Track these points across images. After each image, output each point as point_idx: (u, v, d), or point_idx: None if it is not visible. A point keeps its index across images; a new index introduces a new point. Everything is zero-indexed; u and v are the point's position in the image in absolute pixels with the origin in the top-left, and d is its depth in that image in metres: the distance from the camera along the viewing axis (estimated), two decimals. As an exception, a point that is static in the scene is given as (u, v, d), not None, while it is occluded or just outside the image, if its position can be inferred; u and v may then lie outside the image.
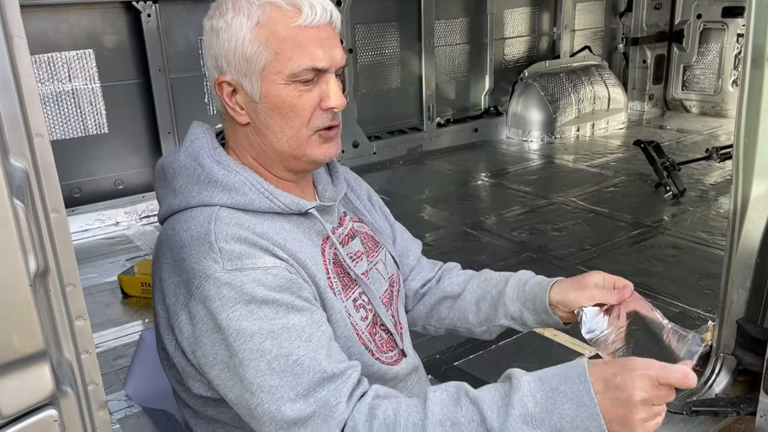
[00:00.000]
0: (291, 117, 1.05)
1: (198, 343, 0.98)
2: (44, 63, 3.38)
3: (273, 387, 0.92)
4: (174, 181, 1.09)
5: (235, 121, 1.08)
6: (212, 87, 1.10)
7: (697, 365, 2.37)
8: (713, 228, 3.24)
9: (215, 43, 1.07)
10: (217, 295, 0.96)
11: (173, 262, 1.03)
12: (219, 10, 1.08)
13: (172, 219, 1.09)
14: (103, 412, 1.10)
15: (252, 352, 0.93)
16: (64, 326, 1.02)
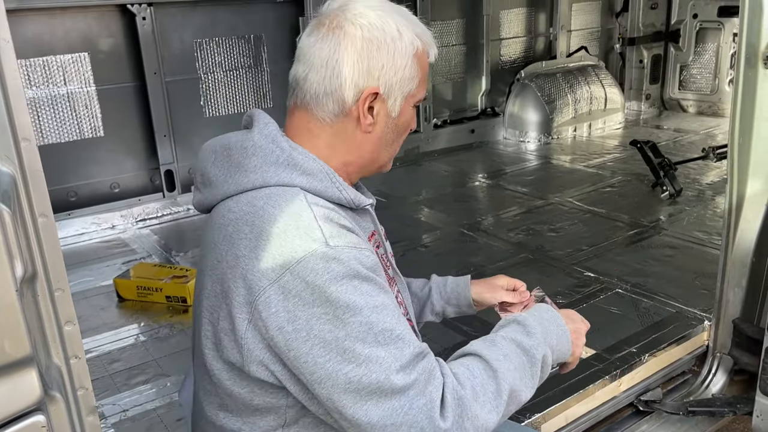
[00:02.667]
0: (403, 135, 1.21)
1: (291, 318, 0.98)
2: (39, 66, 3.37)
3: (380, 358, 0.98)
4: (246, 160, 1.11)
5: (355, 125, 1.14)
6: (340, 87, 1.11)
7: (694, 365, 2.37)
8: (710, 227, 3.24)
9: (374, 55, 1.11)
10: (325, 269, 0.98)
11: (258, 237, 1.03)
12: (377, 27, 1.11)
13: (247, 195, 1.09)
14: (93, 417, 1.10)
15: (361, 325, 0.98)
16: (52, 331, 1.01)
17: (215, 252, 1.09)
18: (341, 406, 0.99)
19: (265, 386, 1.06)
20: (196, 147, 3.91)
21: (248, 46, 4.00)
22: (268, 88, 4.12)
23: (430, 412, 1.00)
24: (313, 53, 1.12)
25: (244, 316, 1.02)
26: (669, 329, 2.33)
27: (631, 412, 2.17)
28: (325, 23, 1.12)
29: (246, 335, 1.02)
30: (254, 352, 1.03)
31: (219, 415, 1.13)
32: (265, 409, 1.08)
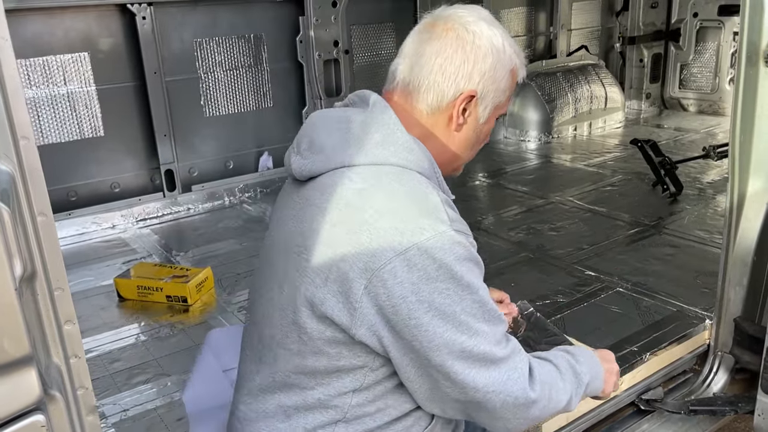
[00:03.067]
0: (481, 143, 1.31)
1: (414, 290, 1.05)
2: (39, 66, 3.37)
3: (486, 332, 1.10)
4: (369, 136, 1.16)
5: (447, 122, 1.23)
6: (443, 83, 1.20)
7: (695, 364, 2.37)
8: (711, 226, 3.23)
9: (479, 61, 1.21)
10: (451, 249, 1.07)
11: (386, 210, 1.09)
12: (486, 37, 1.21)
13: (368, 169, 1.14)
14: (93, 416, 1.10)
15: (474, 302, 1.09)
16: (52, 330, 1.01)
17: (327, 215, 1.12)
18: (452, 371, 1.09)
19: (356, 349, 1.11)
20: (196, 146, 3.91)
21: (248, 46, 4.00)
22: (268, 88, 4.12)
23: (522, 383, 1.15)
24: (423, 48, 1.21)
25: (361, 282, 1.06)
26: (670, 328, 2.32)
27: (633, 411, 2.17)
28: (439, 24, 1.22)
29: (361, 300, 1.07)
30: (367, 317, 1.08)
31: (291, 377, 1.17)
32: (346, 370, 1.13)
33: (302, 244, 1.14)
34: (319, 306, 1.10)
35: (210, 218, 3.77)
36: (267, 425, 1.20)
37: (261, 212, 3.84)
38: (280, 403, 1.19)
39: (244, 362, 1.30)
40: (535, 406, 1.17)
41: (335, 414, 1.15)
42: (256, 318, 1.26)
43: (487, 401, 1.12)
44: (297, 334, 1.14)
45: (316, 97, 4.21)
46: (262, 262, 1.29)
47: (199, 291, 2.73)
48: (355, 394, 1.15)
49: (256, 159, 4.16)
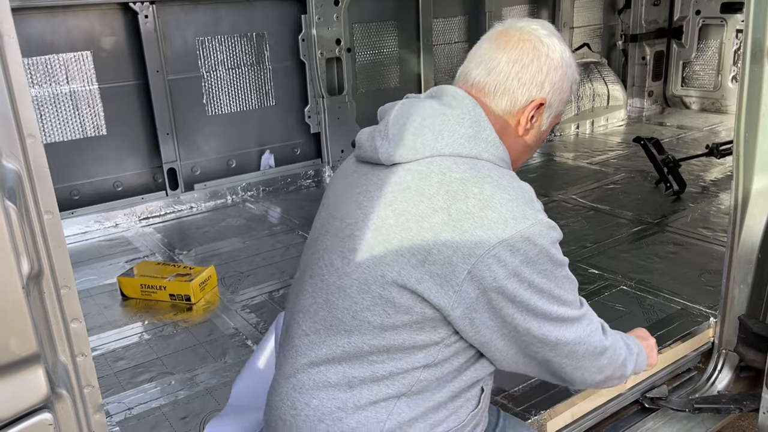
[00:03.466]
0: (536, 148, 1.43)
1: (517, 272, 1.16)
2: (42, 65, 3.37)
3: (572, 301, 1.26)
4: (462, 129, 1.24)
5: (515, 126, 1.33)
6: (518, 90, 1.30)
7: (699, 362, 2.36)
8: (714, 224, 3.23)
9: (551, 73, 1.31)
10: (548, 235, 1.18)
11: (489, 199, 1.18)
12: (558, 51, 1.33)
13: (464, 161, 1.22)
14: (100, 414, 1.10)
15: (564, 278, 1.23)
16: (59, 328, 1.01)
17: (428, 201, 1.19)
18: (548, 335, 1.22)
19: (440, 326, 1.19)
20: (198, 145, 3.91)
21: (251, 44, 3.99)
22: (270, 86, 4.12)
23: (599, 333, 1.31)
24: (499, 55, 1.30)
25: (465, 267, 1.15)
26: (674, 326, 2.32)
27: (637, 409, 2.17)
28: (514, 34, 1.31)
29: (463, 283, 1.15)
30: (466, 299, 1.16)
31: (364, 349, 1.22)
32: (421, 346, 1.20)
33: (396, 224, 1.20)
34: (415, 285, 1.17)
35: (212, 217, 3.77)
36: (328, 394, 1.24)
37: (263, 211, 3.84)
38: (346, 373, 1.23)
39: (307, 333, 1.30)
40: (606, 353, 1.32)
41: (401, 388, 1.22)
42: (327, 289, 1.28)
43: (574, 352, 1.27)
44: (383, 308, 1.19)
45: (318, 96, 4.21)
46: (331, 235, 1.31)
47: (203, 289, 2.73)
48: (424, 369, 1.22)
49: (259, 158, 4.16)
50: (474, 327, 1.19)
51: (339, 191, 1.36)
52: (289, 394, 1.29)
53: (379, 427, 1.21)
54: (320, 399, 1.24)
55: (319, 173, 4.32)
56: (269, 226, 3.59)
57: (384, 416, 1.21)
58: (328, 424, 1.23)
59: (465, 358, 1.25)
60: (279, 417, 1.31)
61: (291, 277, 2.91)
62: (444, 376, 1.24)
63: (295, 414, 1.27)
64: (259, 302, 2.69)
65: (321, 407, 1.24)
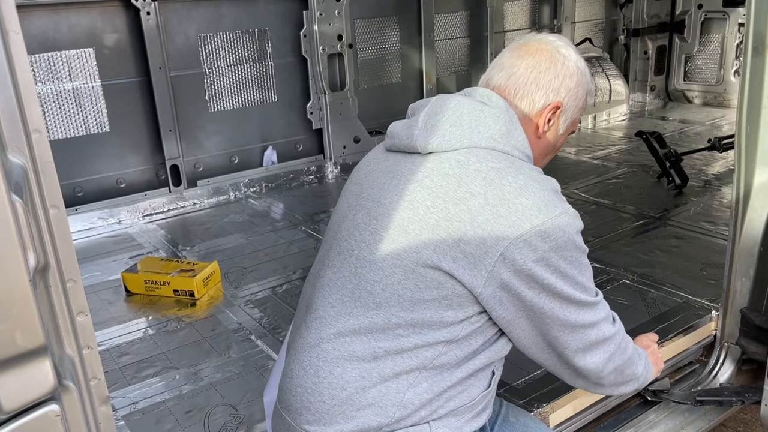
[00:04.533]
0: (553, 153, 1.51)
1: (545, 257, 1.23)
2: (45, 62, 3.38)
3: (590, 288, 1.34)
4: (497, 125, 1.32)
5: (533, 129, 1.42)
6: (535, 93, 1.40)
7: (702, 355, 2.37)
8: (716, 218, 3.23)
9: (567, 79, 1.41)
10: (574, 224, 1.27)
11: (524, 188, 1.25)
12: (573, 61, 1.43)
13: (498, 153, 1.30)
14: (106, 407, 1.11)
15: (585, 265, 1.32)
16: (65, 321, 1.02)
17: (466, 186, 1.26)
18: (567, 314, 1.29)
19: (467, 303, 1.26)
20: (201, 141, 3.92)
21: (252, 41, 4.00)
22: (272, 82, 4.12)
23: (610, 320, 1.39)
24: (519, 62, 1.41)
25: (498, 249, 1.21)
26: (676, 319, 2.32)
27: (639, 402, 2.17)
28: (533, 45, 1.43)
29: (496, 264, 1.22)
30: (497, 280, 1.23)
31: (392, 321, 1.27)
32: (447, 323, 1.27)
33: (433, 206, 1.27)
34: (450, 262, 1.23)
35: (215, 213, 3.78)
36: (352, 365, 1.28)
37: (266, 207, 3.85)
38: (371, 345, 1.28)
39: (333, 304, 1.34)
40: (614, 339, 1.39)
41: (423, 360, 1.27)
42: (357, 263, 1.33)
43: (587, 337, 1.34)
44: (414, 282, 1.25)
45: (320, 92, 4.22)
46: (362, 213, 1.36)
47: (206, 285, 2.75)
48: (446, 345, 1.28)
49: (261, 154, 4.17)
50: (503, 305, 1.26)
51: (369, 176, 1.42)
52: (313, 362, 1.32)
53: (399, 397, 1.27)
54: (344, 368, 1.28)
55: (322, 169, 4.32)
56: (272, 222, 3.60)
57: (404, 387, 1.27)
58: (350, 392, 1.28)
59: (484, 338, 1.32)
60: (299, 385, 1.34)
61: (294, 272, 2.92)
62: (462, 354, 1.30)
63: (317, 381, 1.31)
64: (262, 297, 2.70)
65: (345, 375, 1.28)
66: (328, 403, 1.29)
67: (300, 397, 1.33)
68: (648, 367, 1.55)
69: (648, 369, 1.55)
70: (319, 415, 1.30)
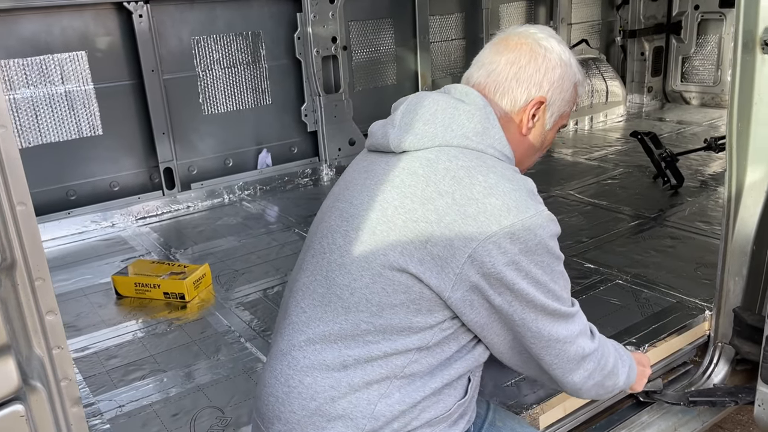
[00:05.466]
0: (543, 150, 1.45)
1: (514, 260, 1.18)
2: (36, 65, 3.37)
3: (565, 298, 1.29)
4: (471, 124, 1.28)
5: (517, 126, 1.37)
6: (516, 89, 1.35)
7: (695, 356, 2.34)
8: (712, 218, 3.21)
9: (549, 72, 1.36)
10: (548, 227, 1.22)
11: (493, 187, 1.21)
12: (556, 52, 1.37)
13: (470, 152, 1.26)
14: (78, 408, 1.09)
15: (560, 273, 1.28)
16: (33, 321, 1.00)
17: (434, 185, 1.22)
18: (540, 328, 1.25)
19: (436, 308, 1.21)
20: (195, 144, 3.91)
21: (246, 43, 3.99)
22: (266, 85, 4.11)
23: (587, 335, 1.34)
24: (498, 58, 1.36)
25: (466, 250, 1.17)
26: (669, 319, 2.30)
27: (632, 403, 2.14)
28: (513, 39, 1.38)
29: (464, 266, 1.18)
30: (466, 283, 1.19)
31: (360, 327, 1.24)
32: (417, 329, 1.22)
33: (401, 206, 1.23)
34: (417, 265, 1.19)
35: (209, 216, 3.76)
36: (322, 374, 1.25)
37: (260, 209, 3.84)
38: (341, 353, 1.24)
39: (304, 309, 1.32)
40: (593, 356, 1.34)
41: (393, 369, 1.24)
42: (327, 266, 1.30)
43: (564, 351, 1.29)
44: (381, 286, 1.22)
45: (314, 94, 4.20)
46: (336, 216, 1.34)
47: (197, 287, 2.73)
48: (417, 352, 1.24)
49: (255, 156, 4.16)
50: (474, 310, 1.22)
51: (348, 178, 1.40)
52: (284, 371, 1.30)
53: (370, 408, 1.23)
54: (314, 378, 1.25)
55: (317, 171, 4.31)
56: (266, 225, 3.59)
57: (375, 398, 1.23)
58: (320, 402, 1.24)
59: (457, 346, 1.28)
60: (271, 394, 1.32)
61: (286, 274, 2.90)
62: (435, 362, 1.26)
63: (288, 391, 1.28)
64: (253, 299, 2.69)
65: (314, 385, 1.25)
66: (298, 414, 1.26)
67: (272, 407, 1.31)
68: (631, 376, 1.50)
69: (630, 377, 1.50)
70: (290, 426, 1.27)
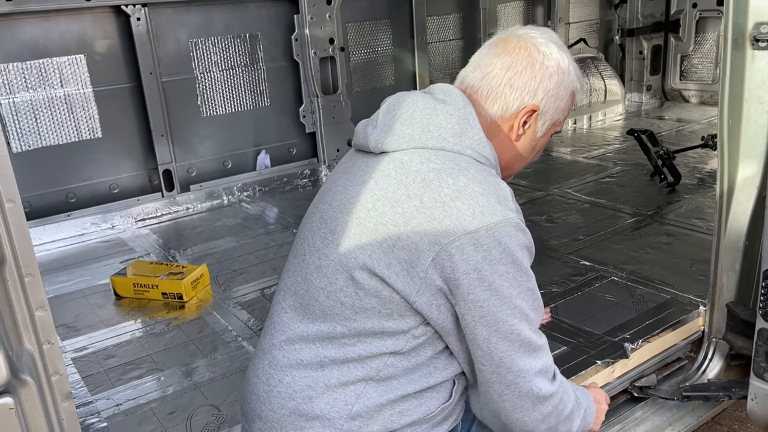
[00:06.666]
0: (533, 155, 1.41)
1: (477, 268, 1.14)
2: (36, 69, 3.39)
3: (531, 319, 1.20)
4: (450, 125, 1.25)
5: (507, 131, 1.33)
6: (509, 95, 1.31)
7: (690, 351, 2.35)
8: (708, 215, 3.21)
9: (545, 80, 1.31)
10: (516, 236, 1.16)
11: (461, 191, 1.17)
12: (555, 59, 1.32)
13: (445, 154, 1.22)
14: (69, 403, 1.11)
15: (528, 290, 1.19)
16: (23, 316, 1.02)
17: (403, 188, 1.20)
18: (495, 349, 1.18)
19: (407, 314, 1.19)
20: (194, 146, 3.93)
21: (244, 45, 4.01)
22: (265, 87, 4.13)
23: (548, 375, 1.25)
24: (494, 61, 1.32)
25: (429, 254, 1.14)
26: (663, 315, 2.31)
27: (626, 398, 2.16)
28: (512, 41, 1.33)
29: (428, 270, 1.15)
30: (431, 287, 1.16)
31: (336, 330, 1.23)
32: (390, 333, 1.20)
33: (373, 209, 1.22)
34: (384, 269, 1.17)
35: (208, 217, 3.78)
36: (300, 373, 1.26)
37: (259, 210, 3.85)
38: (318, 353, 1.25)
39: (286, 310, 1.33)
40: (551, 400, 1.26)
41: (369, 371, 1.22)
42: (307, 268, 1.30)
43: (516, 385, 1.21)
44: (354, 290, 1.21)
45: (312, 95, 4.22)
46: (317, 217, 1.34)
47: (195, 288, 2.75)
48: (391, 356, 1.22)
49: (254, 158, 4.18)
50: (441, 313, 1.20)
51: (332, 178, 1.40)
52: (265, 369, 1.32)
53: (347, 409, 1.23)
54: (293, 377, 1.26)
55: (316, 172, 4.33)
56: (264, 225, 3.60)
57: (352, 399, 1.23)
58: (298, 402, 1.25)
59: (433, 352, 1.25)
60: (253, 392, 1.33)
61: (283, 274, 2.92)
62: (413, 366, 1.24)
63: (268, 390, 1.30)
64: (251, 299, 2.70)
65: (293, 384, 1.26)
66: (277, 413, 1.27)
67: (253, 405, 1.33)
68: (587, 419, 1.39)
69: (587, 420, 1.39)
70: (270, 424, 1.28)
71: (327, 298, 1.24)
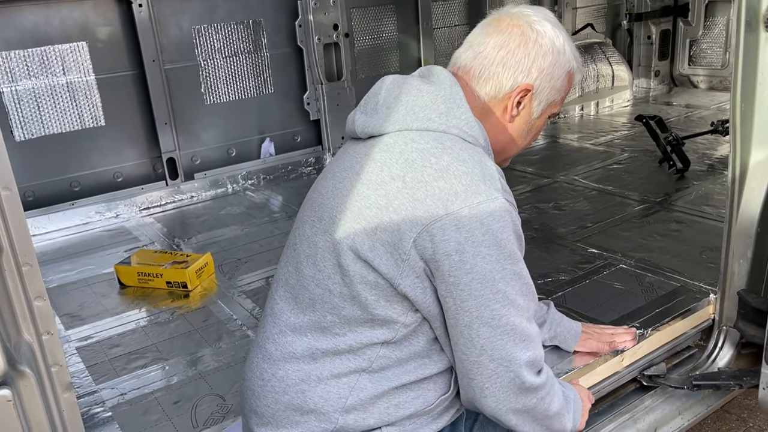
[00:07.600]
0: (530, 138, 1.37)
1: (459, 250, 1.10)
2: (38, 57, 3.37)
3: (520, 306, 1.15)
4: (436, 105, 1.22)
5: (501, 112, 1.30)
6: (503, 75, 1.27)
7: (700, 339, 2.32)
8: (718, 201, 3.17)
9: (539, 58, 1.28)
10: (501, 218, 1.12)
11: (444, 170, 1.14)
12: (549, 37, 1.29)
13: (431, 134, 1.20)
14: (69, 394, 1.09)
15: (515, 273, 1.14)
16: (21, 306, 1.00)
17: (387, 170, 1.18)
18: (476, 335, 1.13)
19: (394, 300, 1.16)
20: (198, 134, 3.90)
21: (247, 32, 3.97)
22: (268, 73, 4.09)
23: (534, 367, 1.19)
24: (487, 40, 1.29)
25: (411, 235, 1.12)
26: (673, 303, 2.28)
27: (635, 387, 2.13)
28: (505, 20, 1.30)
29: (410, 252, 1.12)
30: (414, 269, 1.13)
31: (326, 320, 1.21)
32: (380, 321, 1.18)
33: (357, 192, 1.20)
34: (368, 252, 1.15)
35: (213, 206, 3.76)
36: (293, 366, 1.24)
37: (264, 199, 3.83)
38: (310, 345, 1.23)
39: (277, 301, 1.31)
40: (536, 393, 1.21)
41: (361, 363, 1.20)
42: (297, 257, 1.29)
43: (497, 374, 1.16)
44: (341, 276, 1.18)
45: (317, 82, 4.18)
46: (308, 206, 1.33)
47: (199, 276, 2.73)
48: (383, 346, 1.20)
49: (258, 146, 4.15)
50: (426, 298, 1.17)
51: (327, 168, 1.38)
52: (259, 364, 1.30)
53: (341, 402, 1.21)
54: (285, 371, 1.24)
55: (320, 160, 4.30)
56: (269, 214, 3.58)
57: (346, 392, 1.21)
58: (291, 396, 1.24)
59: (426, 341, 1.22)
60: (249, 387, 1.32)
61: (288, 262, 2.90)
62: (406, 357, 1.22)
63: (262, 384, 1.28)
64: (255, 288, 2.68)
65: (286, 378, 1.24)
66: (272, 408, 1.26)
67: (249, 400, 1.31)
68: (577, 420, 1.36)
69: (577, 421, 1.35)
70: (266, 419, 1.27)
71: (316, 287, 1.22)
